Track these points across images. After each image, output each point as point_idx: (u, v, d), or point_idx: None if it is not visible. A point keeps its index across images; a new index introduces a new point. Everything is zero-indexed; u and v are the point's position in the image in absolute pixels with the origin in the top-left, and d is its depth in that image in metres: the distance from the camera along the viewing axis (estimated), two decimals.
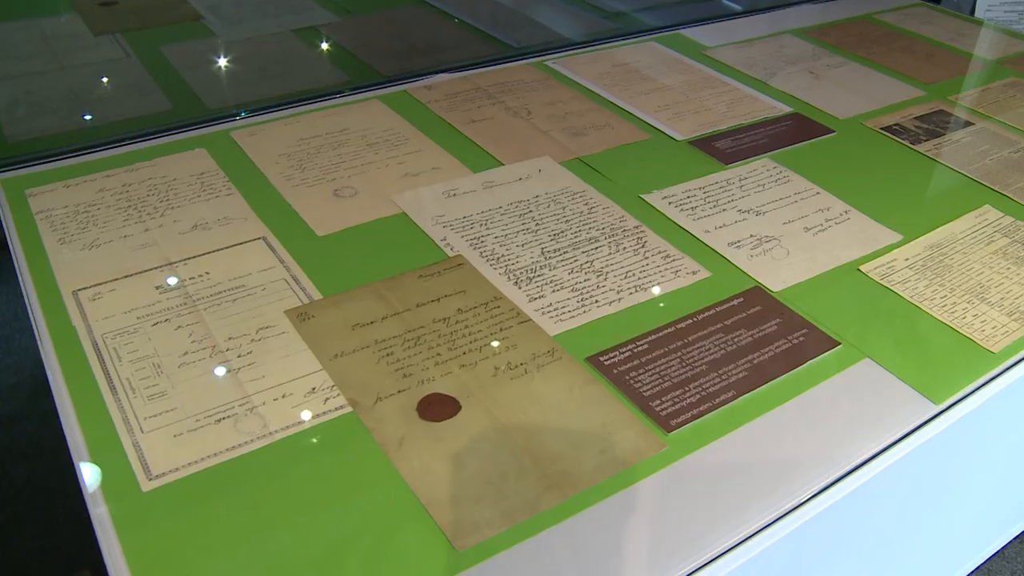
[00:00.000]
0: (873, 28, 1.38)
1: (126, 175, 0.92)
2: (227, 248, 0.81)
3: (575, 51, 1.22)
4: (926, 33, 1.37)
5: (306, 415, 0.64)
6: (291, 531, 0.55)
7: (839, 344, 0.72)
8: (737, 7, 1.59)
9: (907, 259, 0.84)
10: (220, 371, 0.67)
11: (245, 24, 1.28)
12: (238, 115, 1.02)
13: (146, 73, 1.14)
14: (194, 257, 0.80)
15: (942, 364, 0.72)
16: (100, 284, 0.76)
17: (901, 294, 0.79)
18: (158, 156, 0.95)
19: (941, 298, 0.79)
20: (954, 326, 0.76)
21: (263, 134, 0.99)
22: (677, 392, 0.66)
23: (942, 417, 0.67)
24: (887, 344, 0.73)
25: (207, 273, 0.78)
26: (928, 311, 0.77)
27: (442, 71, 1.13)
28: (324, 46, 1.21)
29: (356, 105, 1.06)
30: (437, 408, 0.66)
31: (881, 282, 0.80)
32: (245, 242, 0.82)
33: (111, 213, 0.85)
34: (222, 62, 1.17)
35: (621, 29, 1.31)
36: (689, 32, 1.32)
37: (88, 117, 1.04)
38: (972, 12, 1.50)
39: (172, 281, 0.76)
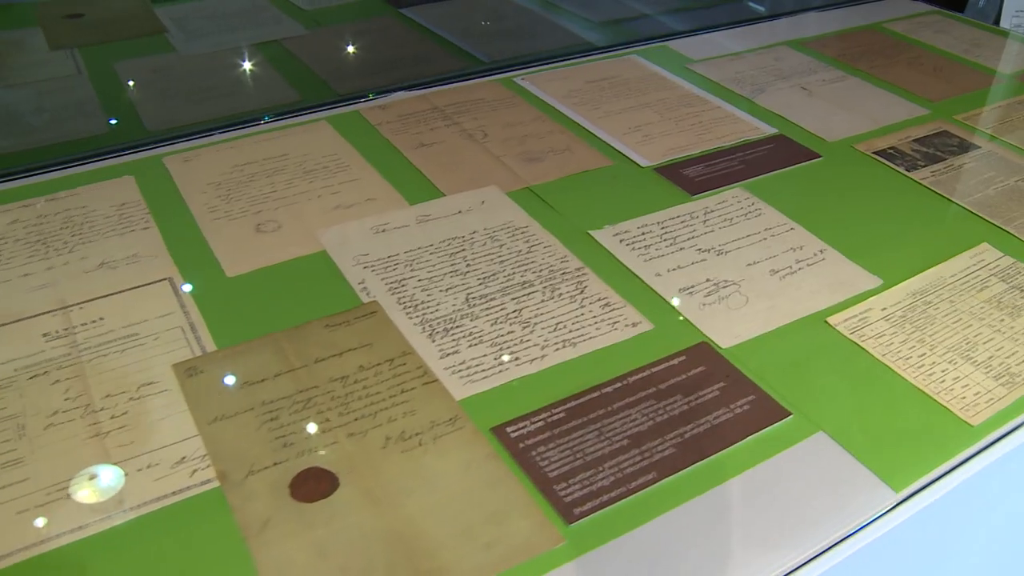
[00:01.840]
0: (880, 38, 1.27)
1: (44, 205, 0.86)
2: (129, 290, 0.75)
3: (551, 65, 1.14)
4: (938, 44, 1.25)
5: (167, 490, 0.57)
6: None
7: (790, 415, 0.63)
8: (761, 8, 1.49)
9: (884, 309, 0.74)
10: (86, 435, 0.61)
11: (208, 38, 1.22)
12: (177, 139, 0.96)
13: (92, 92, 1.08)
14: (91, 300, 0.74)
15: (909, 440, 0.62)
16: None
17: (871, 352, 0.69)
18: (84, 184, 0.89)
19: (919, 357, 0.69)
20: (929, 392, 0.66)
21: (198, 160, 0.93)
22: (588, 473, 0.58)
23: (901, 508, 0.58)
24: (847, 414, 0.64)
25: (101, 319, 0.72)
26: (900, 373, 0.67)
27: (401, 89, 1.05)
28: (283, 62, 1.15)
29: (303, 127, 0.99)
30: (312, 486, 0.58)
31: (850, 337, 0.71)
32: (149, 284, 0.76)
33: (18, 248, 0.80)
34: (172, 80, 1.11)
35: (602, 41, 1.22)
36: (676, 44, 1.22)
37: (15, 141, 0.99)
38: (997, 20, 1.38)
39: (61, 328, 0.70)
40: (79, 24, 1.24)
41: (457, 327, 0.70)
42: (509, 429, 0.61)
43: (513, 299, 0.73)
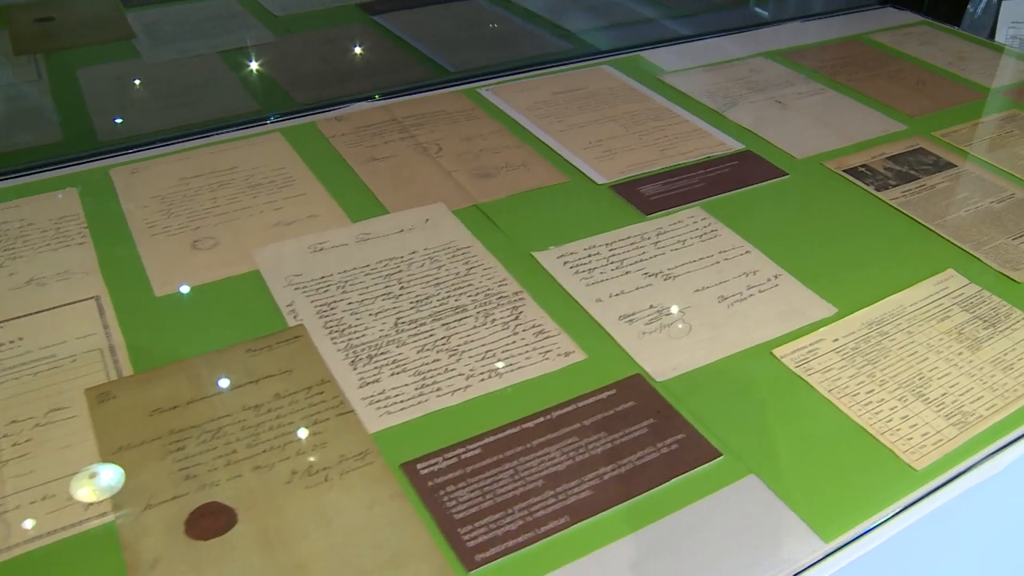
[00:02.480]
0: (863, 50, 1.23)
1: None
2: (53, 309, 0.73)
3: (519, 75, 1.10)
4: (923, 56, 1.21)
5: (59, 524, 0.55)
6: None
7: (720, 456, 0.60)
8: (765, 13, 1.45)
9: (836, 340, 0.70)
10: None
11: (176, 45, 1.20)
12: (128, 149, 0.94)
13: (50, 99, 1.06)
14: (14, 319, 0.72)
15: (846, 485, 0.58)
16: None
17: (816, 387, 0.66)
18: (26, 196, 0.88)
19: (867, 393, 0.65)
20: (873, 432, 0.62)
21: (145, 172, 0.91)
22: (497, 516, 0.55)
23: (830, 560, 0.54)
24: (782, 456, 0.60)
25: (20, 339, 0.70)
26: (845, 411, 0.64)
27: (362, 99, 1.03)
28: (247, 70, 1.12)
29: (255, 139, 0.97)
30: (208, 522, 0.55)
31: (795, 370, 0.67)
32: (76, 302, 0.74)
33: None
34: (131, 89, 1.09)
35: (575, 51, 1.18)
36: (651, 54, 1.19)
37: None
38: (992, 30, 1.33)
39: None
40: (48, 28, 1.23)
41: (382, 354, 0.67)
42: (420, 466, 0.58)
43: (444, 325, 0.70)
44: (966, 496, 0.60)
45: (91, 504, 0.56)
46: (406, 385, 0.64)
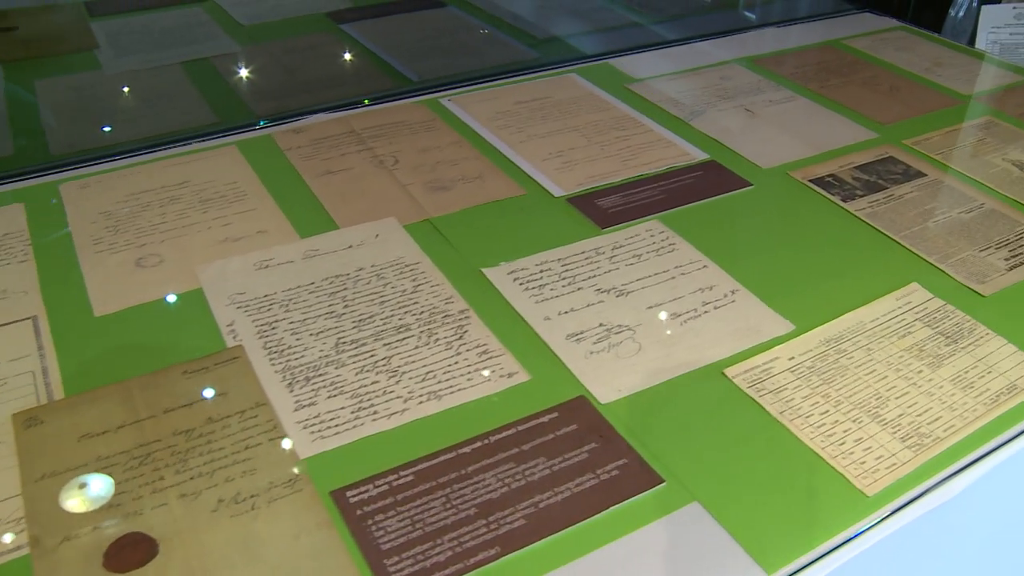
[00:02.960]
0: (837, 56, 1.20)
1: None
2: None
3: (485, 84, 1.08)
4: (898, 62, 1.19)
5: None
6: None
7: (663, 482, 0.57)
8: (753, 17, 1.43)
9: (792, 358, 0.68)
10: None
11: (138, 55, 1.18)
12: (80, 163, 0.92)
13: (4, 111, 1.05)
14: None
15: (793, 513, 0.56)
16: None
17: (768, 409, 0.64)
18: None
19: (820, 415, 0.63)
20: (825, 456, 0.60)
21: (96, 187, 0.89)
22: (425, 546, 0.52)
23: None
24: (728, 481, 0.58)
25: None
26: (796, 433, 0.62)
27: (321, 110, 1.01)
28: (208, 81, 1.10)
29: (210, 152, 0.95)
30: (128, 554, 0.53)
31: (747, 391, 0.65)
32: (12, 322, 0.72)
33: None
34: (88, 100, 1.07)
35: (543, 59, 1.16)
36: (620, 61, 1.16)
37: None
38: (973, 35, 1.31)
39: None
40: (10, 38, 1.21)
41: (320, 376, 0.65)
42: (350, 493, 0.56)
43: (385, 345, 0.68)
44: (919, 523, 0.57)
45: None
46: (342, 408, 0.62)
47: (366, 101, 1.01)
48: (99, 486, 0.56)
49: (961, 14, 1.42)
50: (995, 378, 0.67)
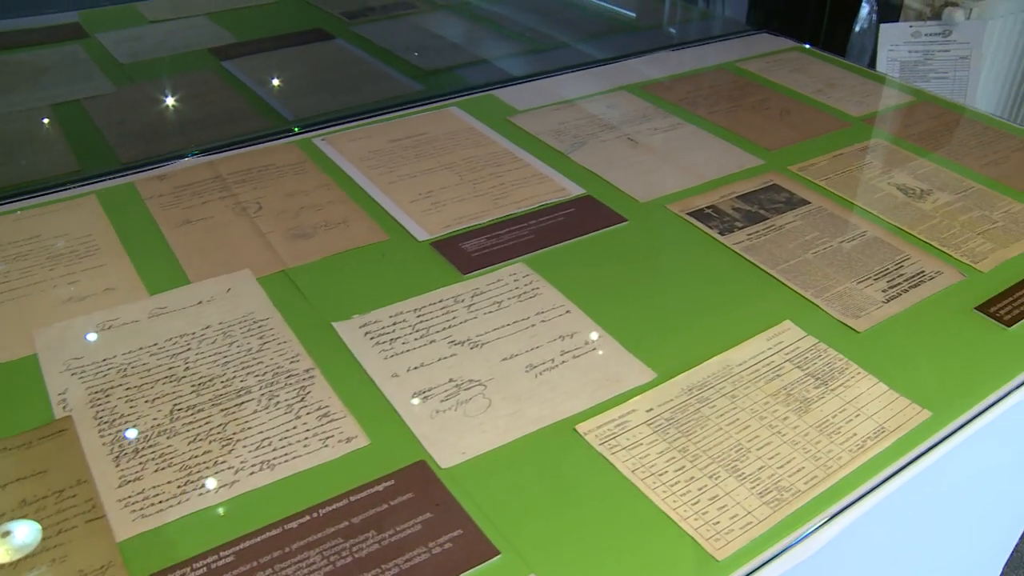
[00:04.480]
0: (730, 79, 1.18)
1: None
2: None
3: (361, 122, 1.04)
4: (790, 84, 1.17)
5: None
6: None
7: (498, 554, 0.53)
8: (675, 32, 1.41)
9: (650, 410, 0.64)
10: None
11: (6, 97, 1.12)
12: None
13: None
14: None
15: None
16: None
17: (619, 467, 0.60)
18: None
19: (675, 472, 0.60)
20: (675, 518, 0.56)
21: None
22: None
23: None
24: (570, 551, 0.54)
25: None
26: (647, 494, 0.58)
27: (190, 155, 0.96)
28: (76, 125, 1.05)
29: (68, 203, 0.89)
30: None
31: (598, 449, 0.61)
32: None
33: None
34: None
35: (425, 92, 1.12)
36: (504, 92, 1.13)
37: None
38: (873, 54, 1.29)
39: None
40: None
41: (150, 447, 0.60)
42: None
43: (223, 410, 0.63)
44: None
45: None
46: (169, 482, 0.57)
47: (234, 145, 0.96)
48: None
49: (864, 27, 1.41)
50: (863, 421, 0.64)
